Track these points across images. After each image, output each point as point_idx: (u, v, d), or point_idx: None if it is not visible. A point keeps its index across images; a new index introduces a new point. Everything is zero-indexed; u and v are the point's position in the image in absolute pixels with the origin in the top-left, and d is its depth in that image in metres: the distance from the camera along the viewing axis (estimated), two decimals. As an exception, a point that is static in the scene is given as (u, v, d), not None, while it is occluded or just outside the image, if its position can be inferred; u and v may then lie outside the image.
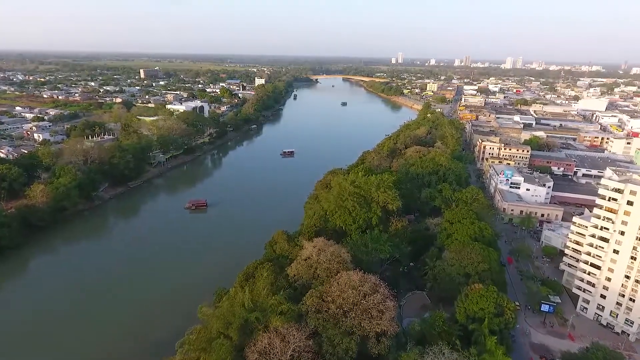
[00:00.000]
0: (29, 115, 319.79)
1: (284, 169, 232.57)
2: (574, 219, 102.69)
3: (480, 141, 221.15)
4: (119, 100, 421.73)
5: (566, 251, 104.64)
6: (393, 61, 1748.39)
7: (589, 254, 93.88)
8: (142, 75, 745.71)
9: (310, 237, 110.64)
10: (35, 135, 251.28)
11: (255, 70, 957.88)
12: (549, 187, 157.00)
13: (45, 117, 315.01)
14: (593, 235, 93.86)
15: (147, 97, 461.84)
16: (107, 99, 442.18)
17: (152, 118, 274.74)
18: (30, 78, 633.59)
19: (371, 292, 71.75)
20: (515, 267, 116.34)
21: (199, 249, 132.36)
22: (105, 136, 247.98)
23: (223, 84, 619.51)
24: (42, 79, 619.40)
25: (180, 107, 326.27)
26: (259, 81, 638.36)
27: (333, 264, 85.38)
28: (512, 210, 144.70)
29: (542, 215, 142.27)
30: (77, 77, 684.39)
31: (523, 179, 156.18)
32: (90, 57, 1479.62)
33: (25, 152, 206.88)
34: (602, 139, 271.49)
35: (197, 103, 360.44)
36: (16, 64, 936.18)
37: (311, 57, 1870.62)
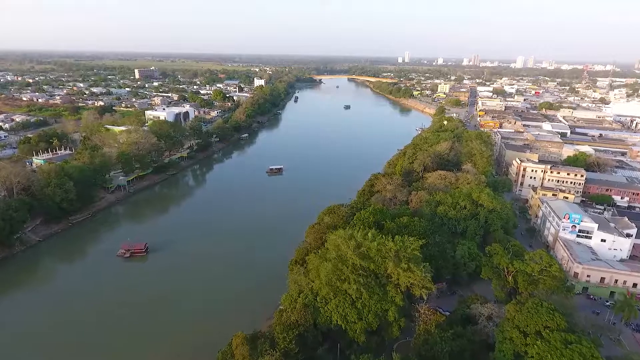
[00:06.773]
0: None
1: (267, 193, 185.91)
2: None
3: (518, 162, 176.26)
4: (100, 103, 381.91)
5: None
6: (400, 60, 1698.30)
7: None
8: (137, 76, 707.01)
9: (288, 350, 68.52)
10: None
11: (257, 70, 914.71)
12: (631, 235, 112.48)
13: (6, 125, 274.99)
14: None
15: (133, 100, 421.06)
16: (90, 102, 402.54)
17: (121, 128, 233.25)
18: (19, 79, 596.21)
19: None
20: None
21: (121, 342, 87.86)
22: (62, 151, 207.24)
23: (220, 85, 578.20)
24: (30, 80, 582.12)
25: (162, 114, 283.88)
26: (258, 82, 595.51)
27: None
28: (588, 276, 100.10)
29: (635, 285, 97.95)
30: (69, 78, 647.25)
31: (597, 225, 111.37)
32: (94, 56, 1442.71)
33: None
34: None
35: (183, 108, 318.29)
36: (13, 64, 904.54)
37: (316, 57, 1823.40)
